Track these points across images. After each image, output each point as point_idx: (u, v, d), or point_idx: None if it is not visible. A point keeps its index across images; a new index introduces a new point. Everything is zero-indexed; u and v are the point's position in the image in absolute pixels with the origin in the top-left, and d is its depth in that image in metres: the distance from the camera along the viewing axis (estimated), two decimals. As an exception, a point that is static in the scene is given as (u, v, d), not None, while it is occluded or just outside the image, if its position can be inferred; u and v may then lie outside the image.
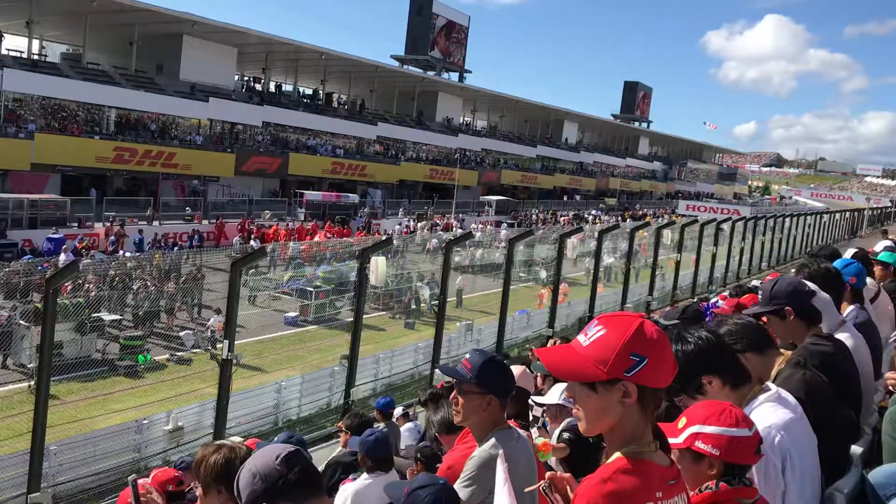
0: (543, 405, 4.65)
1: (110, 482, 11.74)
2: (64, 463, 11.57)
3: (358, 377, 15.30)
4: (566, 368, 1.97)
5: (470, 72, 79.81)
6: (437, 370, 14.76)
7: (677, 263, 26.45)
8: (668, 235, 27.02)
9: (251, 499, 2.19)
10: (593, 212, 69.35)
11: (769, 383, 2.71)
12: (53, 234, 28.35)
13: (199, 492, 2.62)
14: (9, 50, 42.76)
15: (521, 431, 3.17)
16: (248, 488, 2.21)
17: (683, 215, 58.50)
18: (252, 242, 31.92)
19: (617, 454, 1.92)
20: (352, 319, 16.26)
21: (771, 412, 2.59)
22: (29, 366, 16.14)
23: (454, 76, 77.05)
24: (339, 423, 6.54)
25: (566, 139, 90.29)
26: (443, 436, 4.30)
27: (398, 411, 9.85)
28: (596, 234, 22.91)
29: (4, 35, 44.08)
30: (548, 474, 2.27)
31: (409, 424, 9.74)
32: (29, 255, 25.74)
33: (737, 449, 2.32)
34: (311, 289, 24.84)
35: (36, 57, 43.63)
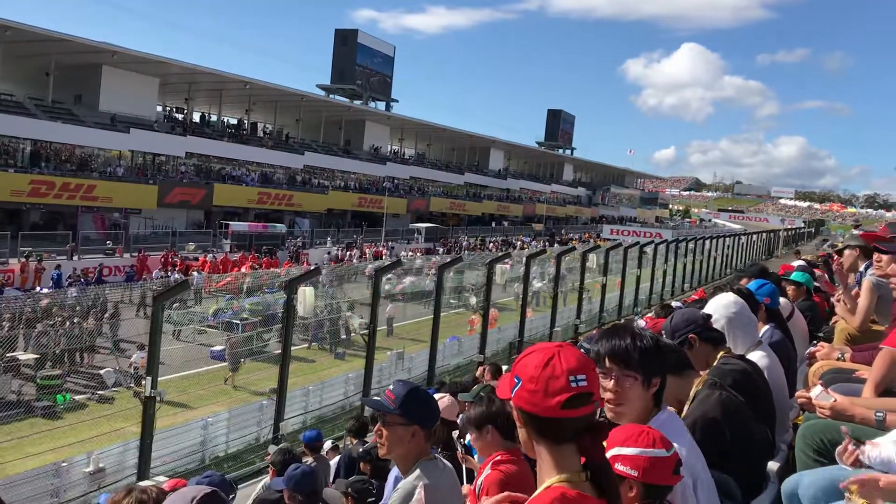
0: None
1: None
2: (-25, 512, 10.99)
3: (287, 410, 15.07)
4: None
5: (396, 101, 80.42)
6: (366, 401, 14.64)
7: (603, 286, 26.98)
8: (593, 259, 27.58)
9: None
10: (522, 237, 70.21)
11: (665, 405, 2.78)
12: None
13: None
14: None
15: (446, 462, 3.17)
16: (162, 533, 2.15)
17: (608, 239, 59.79)
18: (175, 275, 31.17)
19: (550, 481, 1.91)
20: (279, 351, 16.04)
21: (673, 432, 2.66)
22: (-63, 410, 15.37)
23: (381, 105, 77.39)
24: (268, 457, 6.42)
25: (493, 167, 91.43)
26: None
27: (328, 444, 9.72)
28: (524, 260, 23.21)
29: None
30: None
31: (338, 458, 9.61)
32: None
33: (656, 470, 2.36)
34: (238, 321, 24.36)
35: (-56, 88, 41.96)
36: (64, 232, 37.11)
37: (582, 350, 2.10)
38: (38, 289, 27.82)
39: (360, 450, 6.66)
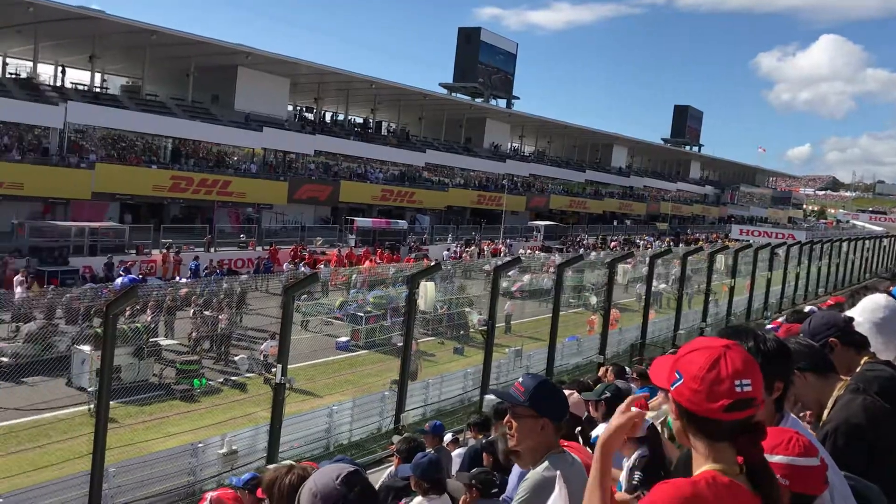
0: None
1: (166, 505, 11.97)
2: (122, 485, 11.80)
3: (408, 402, 15.39)
4: None
5: (517, 98, 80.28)
6: (486, 396, 14.74)
7: (731, 289, 26.04)
8: (721, 260, 26.64)
9: (311, 519, 2.26)
10: (645, 237, 68.64)
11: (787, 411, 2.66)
12: (120, 269, 28.96)
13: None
14: (73, 83, 44.42)
15: (575, 456, 3.18)
16: (308, 507, 2.28)
17: (737, 240, 57.55)
18: (303, 268, 32.33)
19: (705, 467, 1.90)
20: (401, 344, 16.40)
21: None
22: (89, 389, 16.57)
23: (502, 103, 77.45)
24: (392, 446, 6.60)
25: (615, 164, 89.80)
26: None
27: (448, 437, 9.86)
28: (647, 260, 22.72)
29: (68, 69, 45.83)
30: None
31: (459, 450, 9.73)
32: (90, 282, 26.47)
33: (807, 479, 2.25)
34: (362, 314, 25.04)
35: (98, 90, 45.17)
36: (201, 225, 39.17)
37: None
38: (177, 278, 29.49)
39: (484, 441, 6.74)
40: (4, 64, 44.17)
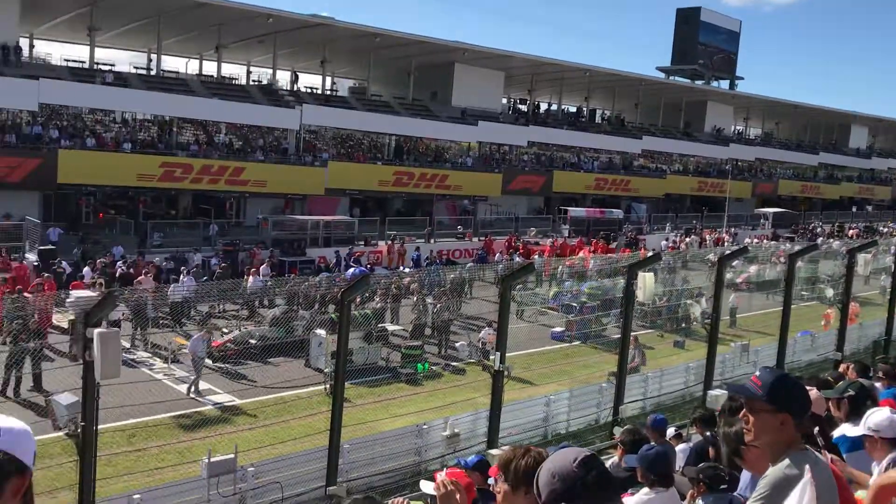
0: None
1: (395, 482, 12.68)
2: (356, 461, 12.67)
3: (626, 395, 15.15)
4: None
5: (741, 78, 75.98)
6: (710, 392, 14.18)
7: None
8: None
9: (550, 497, 2.35)
10: (890, 224, 62.39)
11: None
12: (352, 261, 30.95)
13: (501, 489, 2.81)
14: (306, 87, 48.02)
15: (819, 455, 3.02)
16: (547, 487, 2.36)
17: None
18: (518, 258, 32.77)
19: None
20: (618, 336, 16.17)
21: None
22: (325, 370, 17.92)
23: (724, 84, 73.58)
24: (616, 437, 6.58)
25: (854, 145, 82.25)
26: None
27: (671, 431, 9.62)
28: (893, 249, 20.70)
29: (302, 74, 49.59)
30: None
31: (682, 445, 9.46)
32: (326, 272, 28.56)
33: None
34: (577, 304, 24.98)
35: (328, 92, 48.49)
36: (422, 217, 40.91)
37: None
38: (401, 268, 31.03)
39: (709, 436, 6.53)
40: (248, 72, 48.58)
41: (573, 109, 63.62)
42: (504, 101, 58.06)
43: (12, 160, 31.57)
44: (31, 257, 25.14)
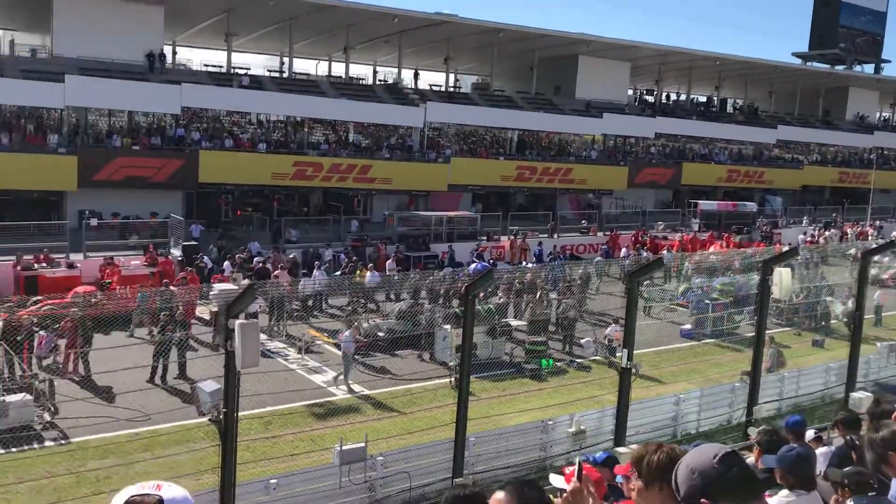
0: None
1: (520, 476, 12.70)
2: (481, 454, 12.80)
3: (761, 395, 14.59)
4: None
5: (888, 61, 71.03)
6: (853, 394, 13.44)
7: None
8: None
9: (690, 493, 2.32)
10: None
11: None
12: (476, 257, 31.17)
13: (635, 485, 2.80)
14: (430, 85, 48.69)
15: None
16: (686, 483, 2.33)
17: None
18: (645, 254, 32.05)
19: None
20: (752, 335, 15.57)
21: None
22: (450, 364, 18.16)
23: (868, 68, 69.15)
24: (752, 437, 6.36)
25: None
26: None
27: (810, 434, 9.18)
28: None
29: (426, 72, 50.32)
30: None
31: (822, 449, 9.01)
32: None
33: None
34: (708, 301, 24.21)
35: (451, 89, 48.97)
36: (544, 212, 40.67)
37: None
38: (523, 263, 30.97)
39: (853, 440, 6.20)
40: (375, 72, 49.74)
41: (703, 99, 61.53)
42: (630, 92, 56.83)
43: (158, 161, 33.70)
44: (176, 252, 26.72)
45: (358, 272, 25.33)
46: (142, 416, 14.82)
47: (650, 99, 57.86)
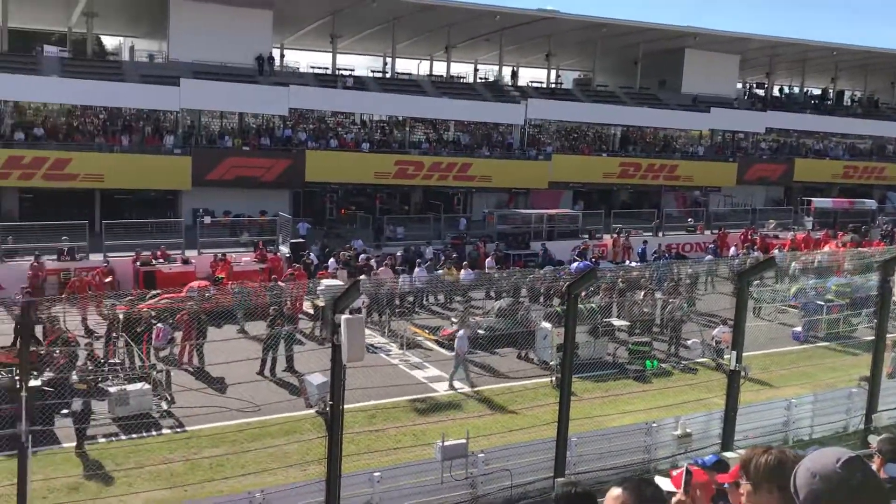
0: None
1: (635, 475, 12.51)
2: (583, 454, 12.67)
3: (881, 402, 13.87)
4: None
5: None
6: None
7: None
8: None
9: (810, 498, 2.23)
10: None
11: None
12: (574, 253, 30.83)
13: (744, 489, 2.73)
14: (531, 82, 48.46)
15: None
16: (806, 487, 2.25)
17: None
18: (755, 253, 30.93)
19: None
20: (871, 338, 14.82)
21: None
22: (551, 363, 18.06)
23: None
24: (873, 445, 6.05)
25: None
26: None
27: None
28: None
29: (528, 69, 50.12)
30: None
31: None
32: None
33: None
34: (822, 303, 23.18)
35: (553, 86, 48.58)
36: (648, 210, 39.84)
37: None
38: (626, 262, 30.43)
39: None
40: (475, 70, 49.86)
41: (817, 92, 58.83)
42: (739, 85, 54.90)
43: (267, 161, 34.88)
44: (284, 249, 27.58)
45: (445, 270, 25.40)
46: (252, 407, 15.38)
47: (760, 92, 55.75)
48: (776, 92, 56.83)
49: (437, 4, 38.53)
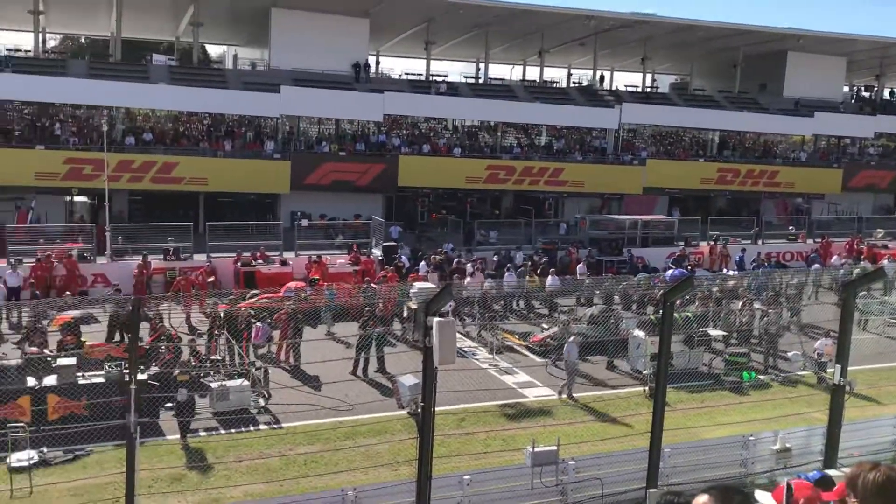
0: None
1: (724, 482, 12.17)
2: (677, 466, 12.39)
3: None
4: None
5: None
6: None
7: None
8: None
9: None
10: None
11: None
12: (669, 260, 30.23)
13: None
14: (626, 86, 47.78)
15: None
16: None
17: None
18: (862, 263, 29.59)
19: None
20: None
21: None
22: (644, 372, 17.75)
23: None
24: None
25: None
26: None
27: None
28: None
29: (621, 73, 49.44)
30: None
31: None
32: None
33: None
34: (935, 317, 22.00)
35: (648, 90, 47.74)
36: (748, 217, 38.64)
37: None
38: (724, 270, 29.58)
39: None
40: (569, 74, 49.50)
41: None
42: (845, 89, 52.64)
43: (361, 166, 35.60)
44: (377, 252, 28.04)
45: (528, 278, 25.22)
46: (345, 406, 15.71)
47: (868, 95, 53.30)
48: (886, 95, 54.23)
49: (530, 9, 38.43)
